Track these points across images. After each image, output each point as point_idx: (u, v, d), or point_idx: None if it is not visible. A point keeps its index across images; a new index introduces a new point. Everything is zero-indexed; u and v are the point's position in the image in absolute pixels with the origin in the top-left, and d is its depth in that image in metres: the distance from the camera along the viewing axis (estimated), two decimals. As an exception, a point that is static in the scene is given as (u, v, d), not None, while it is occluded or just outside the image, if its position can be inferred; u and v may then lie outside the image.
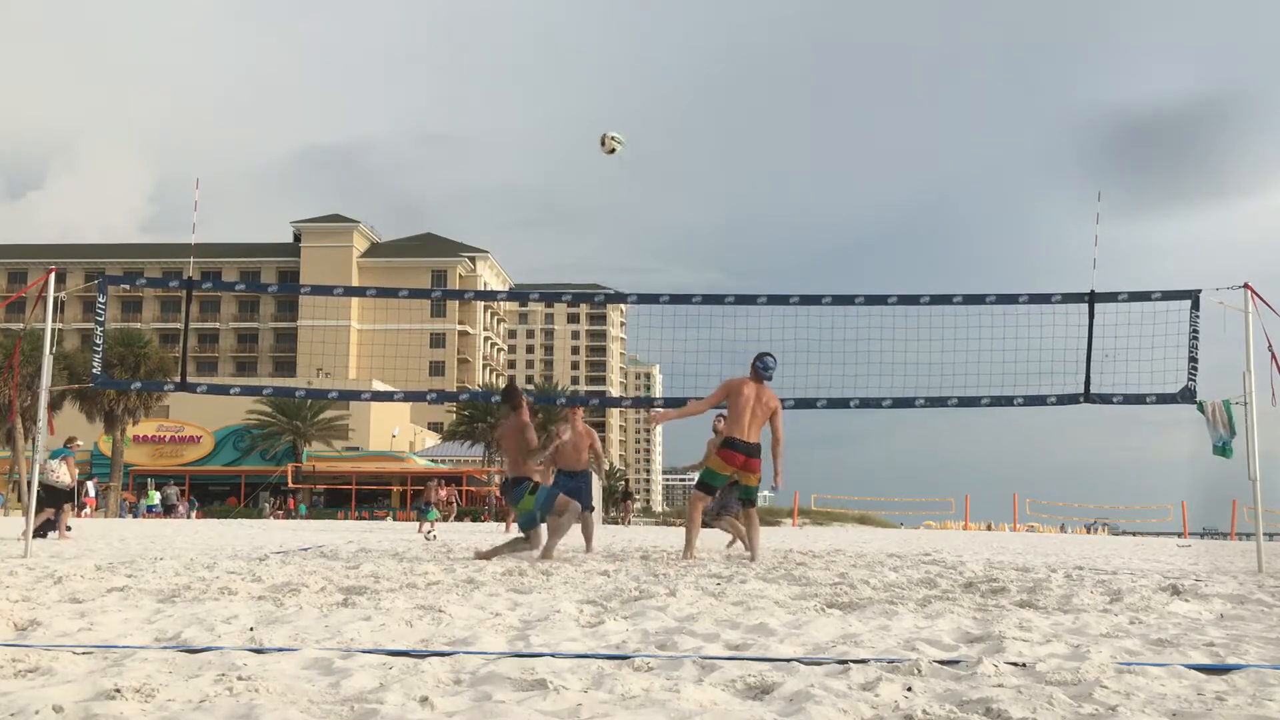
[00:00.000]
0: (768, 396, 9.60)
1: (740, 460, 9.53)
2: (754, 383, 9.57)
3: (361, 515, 53.42)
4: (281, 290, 18.42)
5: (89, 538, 16.01)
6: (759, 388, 9.57)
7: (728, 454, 9.56)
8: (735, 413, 9.50)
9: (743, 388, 9.51)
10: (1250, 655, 3.81)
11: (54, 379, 10.54)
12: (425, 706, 2.83)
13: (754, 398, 9.49)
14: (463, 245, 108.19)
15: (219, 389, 13.34)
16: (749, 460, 9.54)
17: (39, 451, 10.36)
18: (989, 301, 10.55)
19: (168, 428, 63.40)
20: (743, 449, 9.50)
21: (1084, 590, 6.42)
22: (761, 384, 9.60)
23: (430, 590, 5.98)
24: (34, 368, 14.30)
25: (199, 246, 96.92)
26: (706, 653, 3.73)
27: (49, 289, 10.32)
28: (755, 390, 9.54)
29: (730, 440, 9.53)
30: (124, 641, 3.91)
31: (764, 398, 9.56)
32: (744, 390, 9.50)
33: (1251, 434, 9.74)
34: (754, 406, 9.46)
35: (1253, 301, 9.84)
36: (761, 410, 9.52)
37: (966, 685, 3.14)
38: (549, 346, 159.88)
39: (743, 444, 9.49)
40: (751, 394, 9.51)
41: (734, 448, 9.51)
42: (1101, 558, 13.20)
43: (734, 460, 9.54)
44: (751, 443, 9.52)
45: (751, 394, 9.51)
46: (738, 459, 9.53)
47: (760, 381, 9.60)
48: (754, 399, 9.48)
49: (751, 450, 9.53)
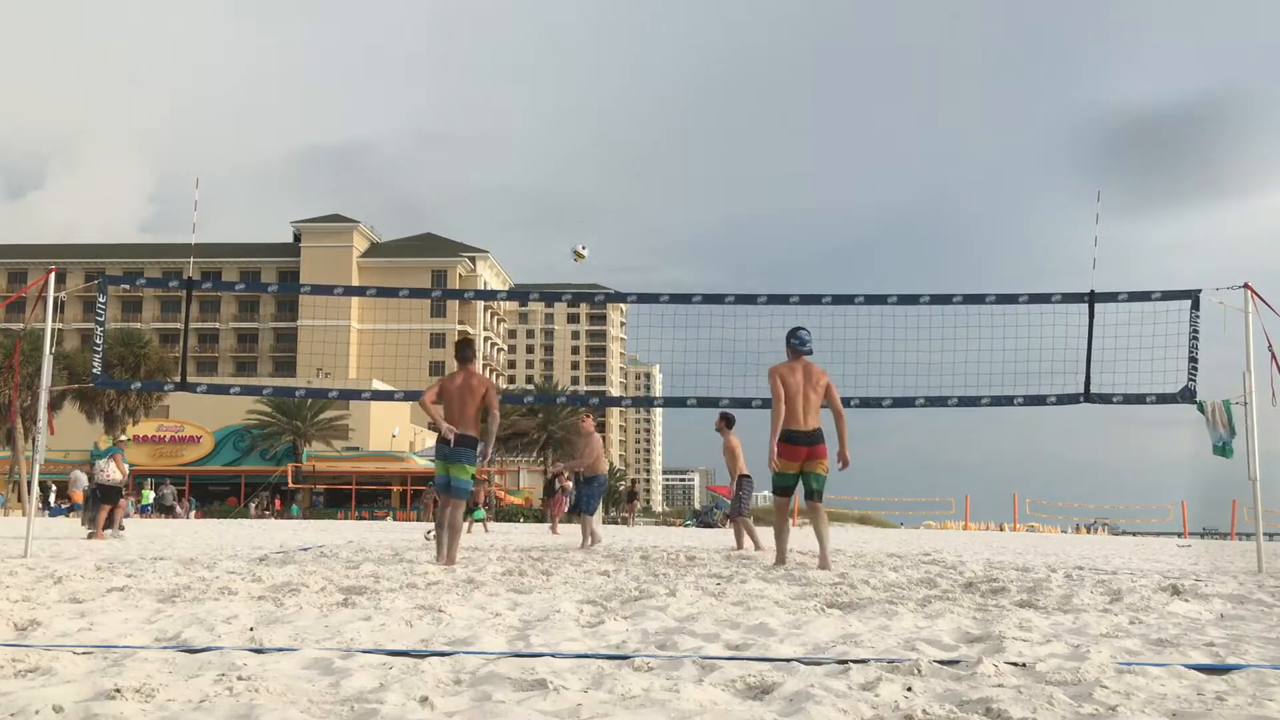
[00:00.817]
0: (816, 374, 8.82)
1: (804, 453, 8.71)
2: (796, 363, 8.84)
3: (361, 515, 53.40)
4: (281, 290, 18.45)
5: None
6: (805, 366, 8.82)
7: (790, 450, 8.71)
8: (789, 403, 8.70)
9: (787, 375, 8.75)
10: (1250, 655, 3.81)
11: (54, 379, 10.54)
12: (425, 706, 2.83)
13: (803, 380, 8.74)
14: (463, 245, 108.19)
15: (219, 389, 13.35)
16: (813, 449, 8.73)
17: (39, 451, 10.35)
18: (989, 301, 10.55)
19: (168, 428, 63.36)
20: (804, 439, 8.71)
21: (1084, 590, 6.42)
22: (805, 361, 8.86)
23: (430, 590, 5.98)
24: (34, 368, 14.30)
25: (199, 246, 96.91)
26: (706, 653, 3.73)
27: (49, 289, 10.31)
28: (802, 371, 8.78)
29: (789, 434, 8.70)
30: (124, 641, 3.91)
31: (813, 376, 8.79)
32: (789, 376, 8.75)
33: (1251, 434, 9.74)
34: (805, 390, 8.72)
35: (1253, 301, 9.85)
36: (814, 392, 8.76)
37: (966, 685, 3.14)
38: (549, 346, 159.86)
39: (803, 434, 8.70)
40: (798, 377, 8.75)
41: (794, 440, 8.70)
42: (1101, 558, 13.20)
43: (797, 455, 8.71)
44: (812, 430, 8.74)
45: (798, 377, 8.75)
46: (801, 452, 8.71)
47: (800, 358, 8.86)
48: (803, 381, 8.73)
49: (814, 438, 8.74)
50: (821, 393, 8.78)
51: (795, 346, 8.90)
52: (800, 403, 8.72)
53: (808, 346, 8.90)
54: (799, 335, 8.92)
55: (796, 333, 8.94)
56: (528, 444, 66.17)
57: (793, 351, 8.90)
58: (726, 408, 11.59)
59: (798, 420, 8.71)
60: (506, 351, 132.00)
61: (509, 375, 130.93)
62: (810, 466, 8.75)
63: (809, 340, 8.92)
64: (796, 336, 8.92)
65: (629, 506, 50.54)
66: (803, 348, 8.88)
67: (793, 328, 9.00)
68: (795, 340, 8.91)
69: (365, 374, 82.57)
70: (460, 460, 8.98)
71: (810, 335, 8.95)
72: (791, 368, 8.82)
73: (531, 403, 58.96)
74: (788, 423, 8.70)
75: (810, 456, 8.73)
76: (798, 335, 8.93)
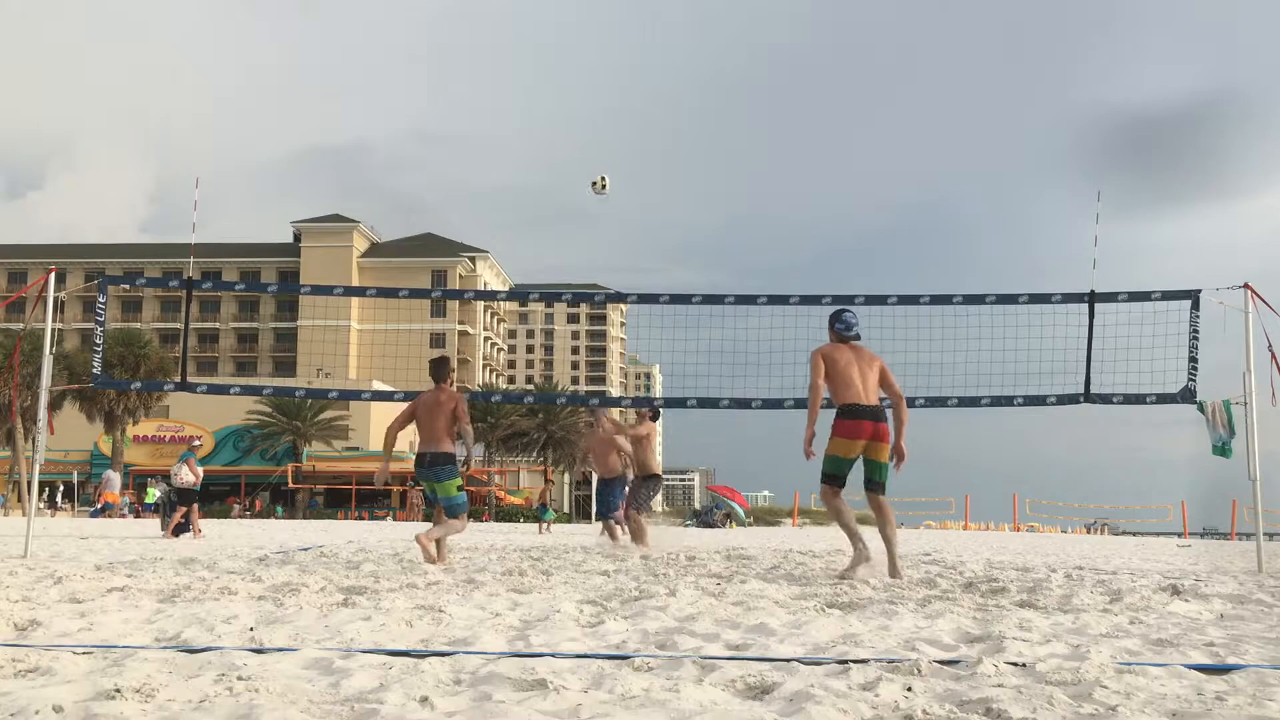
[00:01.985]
0: (868, 354, 7.81)
1: (869, 429, 7.51)
2: (844, 345, 7.78)
3: (361, 515, 53.39)
4: (281, 290, 18.44)
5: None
6: (854, 349, 7.78)
7: (851, 425, 7.51)
8: (842, 376, 7.60)
9: (835, 352, 7.70)
10: (1250, 655, 3.81)
11: (54, 379, 10.54)
12: (425, 706, 2.83)
13: (854, 356, 7.71)
14: (463, 245, 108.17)
15: (219, 389, 13.35)
16: (878, 427, 7.54)
17: (39, 451, 10.35)
18: (989, 301, 10.54)
19: (168, 428, 63.39)
20: (869, 414, 7.53)
21: (1084, 590, 6.42)
22: (854, 345, 7.81)
23: (430, 590, 5.98)
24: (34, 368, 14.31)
25: (199, 246, 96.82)
26: (706, 653, 3.73)
27: (49, 289, 10.31)
28: (851, 351, 7.74)
29: (851, 408, 7.52)
30: (124, 641, 3.91)
31: (864, 355, 7.77)
32: (837, 354, 7.68)
33: (1251, 434, 9.74)
34: (860, 366, 7.65)
35: (1253, 301, 9.85)
36: (870, 369, 7.70)
37: (966, 685, 3.14)
38: (549, 346, 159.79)
39: (867, 409, 7.54)
40: (849, 354, 7.71)
41: (858, 414, 7.50)
42: (1101, 558, 13.20)
43: (861, 431, 7.50)
44: (877, 405, 7.62)
45: (849, 354, 7.71)
46: (866, 428, 7.50)
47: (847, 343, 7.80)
48: (855, 357, 7.70)
49: (879, 414, 7.60)
50: (878, 374, 7.72)
51: (842, 331, 7.81)
52: (857, 377, 7.61)
53: (853, 331, 7.82)
54: (844, 319, 7.84)
55: (841, 315, 7.87)
56: (528, 444, 66.17)
57: (839, 336, 7.82)
58: (727, 407, 11.58)
59: (858, 394, 7.55)
60: (506, 351, 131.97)
61: (509, 375, 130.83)
62: (874, 452, 7.55)
63: (856, 325, 7.85)
64: (841, 320, 7.84)
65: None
66: (848, 332, 7.80)
67: (836, 310, 7.99)
68: (841, 325, 7.82)
69: (365, 374, 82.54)
70: (441, 479, 8.87)
71: (857, 320, 7.90)
72: (838, 348, 7.76)
73: (531, 403, 58.98)
74: (847, 397, 7.54)
75: (876, 437, 7.52)
76: (842, 319, 7.84)
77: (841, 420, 7.53)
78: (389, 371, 76.29)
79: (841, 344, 7.77)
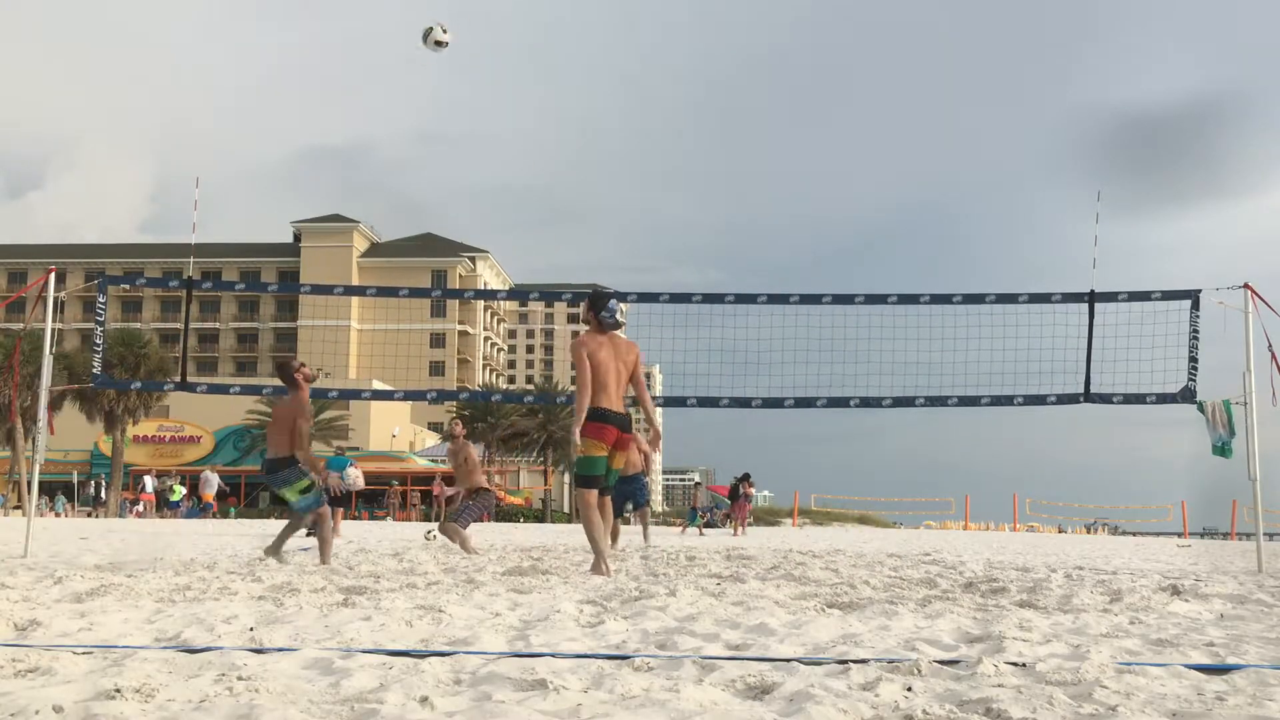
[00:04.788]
0: (624, 348, 7.65)
1: (614, 435, 7.49)
2: (602, 336, 7.61)
3: (361, 515, 53.38)
4: (281, 290, 18.45)
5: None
6: (612, 341, 7.62)
7: (597, 429, 7.43)
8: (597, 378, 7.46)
9: (598, 349, 7.51)
10: (1250, 655, 3.81)
11: (54, 379, 10.54)
12: (425, 706, 2.83)
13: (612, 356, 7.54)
14: (463, 245, 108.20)
15: (219, 388, 13.35)
16: (622, 436, 7.54)
17: (39, 451, 10.35)
18: (989, 301, 10.54)
19: (168, 428, 63.42)
20: (615, 420, 7.49)
21: (1084, 590, 6.42)
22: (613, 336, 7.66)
23: (430, 590, 5.98)
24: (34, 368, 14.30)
25: (199, 246, 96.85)
26: (706, 653, 3.73)
27: (49, 289, 10.31)
28: (610, 345, 7.57)
29: (599, 411, 7.44)
30: (124, 641, 3.91)
31: (621, 351, 7.61)
32: (598, 350, 7.51)
33: (1251, 434, 9.74)
34: (615, 365, 7.53)
35: (1253, 301, 9.85)
36: (625, 367, 7.59)
37: (966, 685, 3.14)
38: (549, 346, 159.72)
39: (614, 414, 7.49)
40: (608, 352, 7.54)
41: (605, 419, 7.44)
42: (1101, 558, 13.20)
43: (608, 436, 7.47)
44: (623, 413, 7.60)
45: (608, 352, 7.54)
46: (610, 433, 7.47)
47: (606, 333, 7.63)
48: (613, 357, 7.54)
49: (624, 423, 7.57)
50: (629, 373, 7.62)
51: (605, 320, 7.62)
52: (613, 380, 7.50)
53: (614, 317, 7.64)
54: (609, 307, 7.61)
55: (607, 304, 7.64)
56: (527, 444, 66.17)
57: (600, 325, 7.64)
58: (727, 406, 11.58)
59: (609, 399, 7.48)
60: (506, 351, 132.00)
61: (509, 375, 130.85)
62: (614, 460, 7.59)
63: (616, 310, 7.64)
64: (608, 309, 7.61)
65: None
66: (610, 317, 7.63)
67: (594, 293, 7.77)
68: (606, 313, 7.61)
69: (365, 374, 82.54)
70: (282, 484, 9.05)
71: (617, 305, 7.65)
72: (599, 341, 7.57)
73: (531, 402, 58.98)
74: (599, 400, 7.46)
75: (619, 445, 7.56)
76: (608, 307, 7.61)
77: (592, 422, 7.46)
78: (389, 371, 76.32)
79: (602, 336, 7.62)
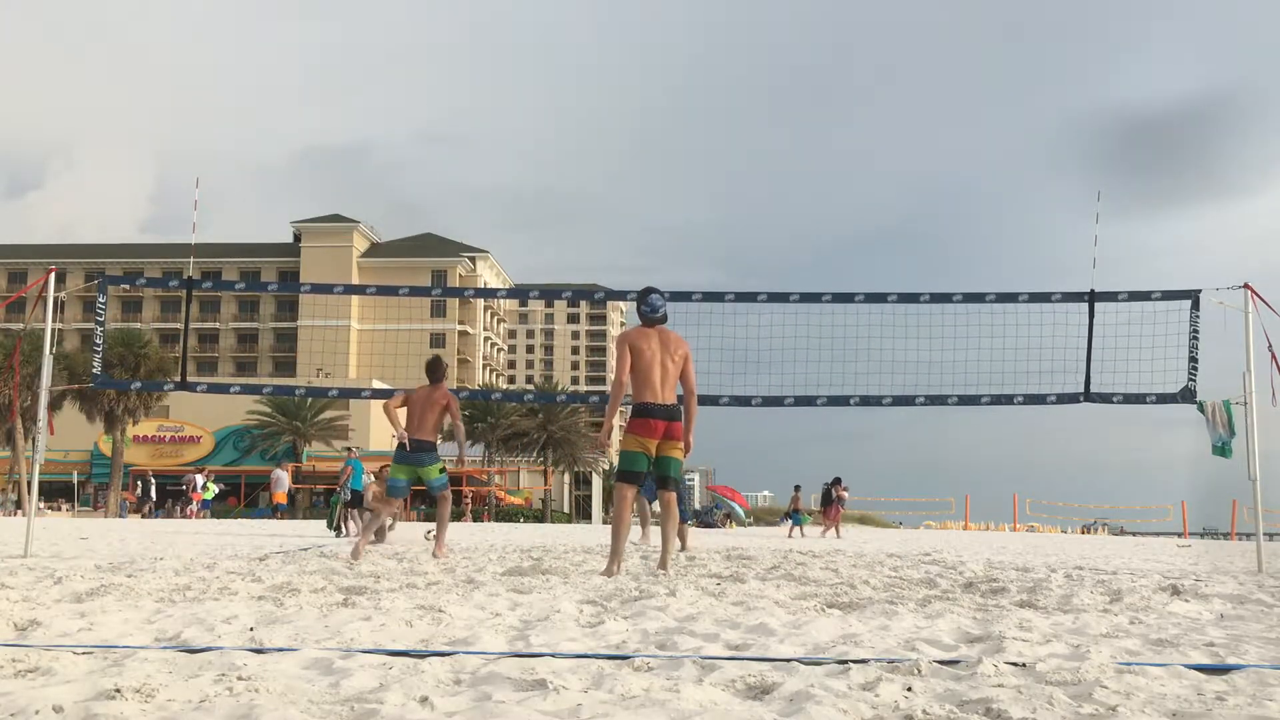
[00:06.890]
0: (674, 343, 7.67)
1: (661, 428, 7.52)
2: (650, 330, 7.67)
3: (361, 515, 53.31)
4: (281, 289, 18.45)
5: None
6: (661, 335, 7.67)
7: (640, 424, 7.49)
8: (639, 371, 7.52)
9: (640, 341, 7.58)
10: (1250, 655, 3.81)
11: (54, 379, 10.54)
12: (425, 706, 2.83)
13: (659, 348, 7.58)
14: (463, 245, 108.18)
15: (219, 388, 13.38)
16: (671, 426, 7.55)
17: (39, 451, 10.35)
18: (989, 300, 10.54)
19: (168, 428, 63.38)
20: (661, 414, 7.51)
21: (1084, 590, 6.42)
22: (662, 330, 7.71)
23: (430, 590, 5.98)
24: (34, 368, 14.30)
25: (199, 246, 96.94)
26: (706, 653, 3.73)
27: (49, 289, 10.32)
28: (658, 338, 7.63)
29: (642, 406, 7.49)
30: (124, 641, 3.91)
31: (670, 345, 7.64)
32: (643, 343, 7.57)
33: (1251, 434, 9.74)
34: (663, 358, 7.56)
35: (1253, 301, 9.85)
36: (672, 362, 7.60)
37: (966, 685, 3.14)
38: (549, 346, 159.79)
39: (659, 408, 7.51)
40: (654, 345, 7.58)
41: (648, 414, 7.48)
42: (1101, 558, 13.21)
43: (653, 430, 7.50)
44: (670, 404, 7.61)
45: (654, 345, 7.58)
46: (657, 427, 7.50)
47: (654, 326, 7.70)
48: (660, 350, 7.58)
49: (672, 413, 7.60)
50: (680, 366, 7.64)
51: (647, 313, 7.70)
52: (658, 373, 7.52)
53: (659, 314, 7.72)
54: (650, 301, 7.71)
55: (648, 298, 7.72)
56: (528, 444, 66.15)
57: (644, 319, 7.72)
58: (727, 405, 11.57)
59: (655, 392, 7.50)
60: (506, 351, 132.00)
61: (509, 375, 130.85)
62: (667, 450, 7.58)
63: (661, 307, 7.73)
64: (648, 302, 7.71)
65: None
66: (654, 314, 7.70)
67: (643, 291, 7.80)
68: (647, 306, 7.70)
69: (365, 374, 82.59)
70: (425, 463, 10.07)
71: (663, 302, 7.75)
72: (645, 334, 7.63)
73: (531, 402, 58.97)
74: (644, 395, 7.50)
75: (668, 435, 7.55)
76: (649, 301, 7.71)
77: (636, 418, 7.55)
78: (389, 371, 76.33)
79: (649, 329, 7.68)
